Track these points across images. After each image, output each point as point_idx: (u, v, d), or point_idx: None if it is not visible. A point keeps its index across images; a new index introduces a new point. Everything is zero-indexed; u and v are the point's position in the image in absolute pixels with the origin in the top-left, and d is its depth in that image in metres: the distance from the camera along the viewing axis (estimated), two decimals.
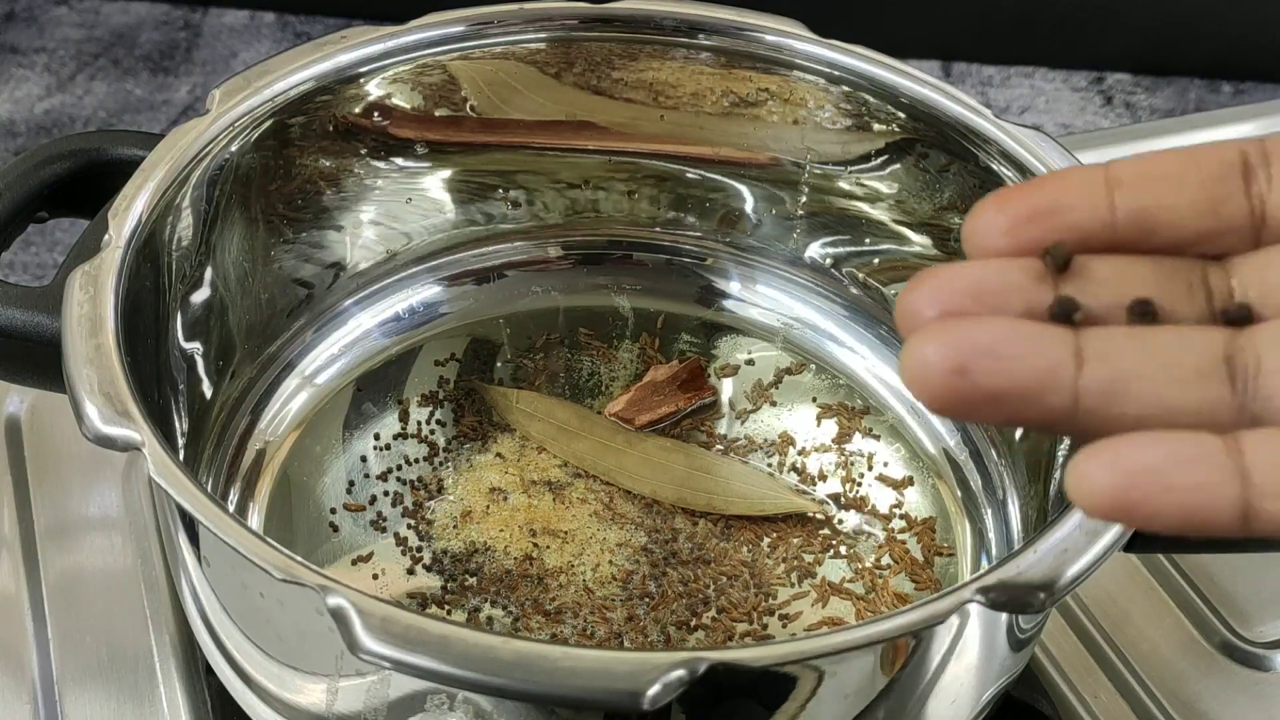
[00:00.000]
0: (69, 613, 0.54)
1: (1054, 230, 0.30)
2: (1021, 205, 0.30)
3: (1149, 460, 0.26)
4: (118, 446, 0.40)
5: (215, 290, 0.54)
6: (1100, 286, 0.29)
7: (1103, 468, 0.27)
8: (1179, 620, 0.56)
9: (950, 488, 0.55)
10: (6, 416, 0.60)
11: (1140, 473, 0.26)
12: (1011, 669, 0.45)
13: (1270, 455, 0.27)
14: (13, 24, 0.94)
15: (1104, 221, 0.30)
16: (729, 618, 0.50)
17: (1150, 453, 0.27)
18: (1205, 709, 0.53)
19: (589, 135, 0.61)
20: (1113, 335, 0.28)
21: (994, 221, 0.30)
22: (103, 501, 0.58)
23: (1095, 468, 0.27)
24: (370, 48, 0.55)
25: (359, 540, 0.52)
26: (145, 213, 0.48)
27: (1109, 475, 0.27)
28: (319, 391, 0.58)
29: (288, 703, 0.43)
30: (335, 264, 0.60)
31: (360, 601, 0.36)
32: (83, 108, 0.88)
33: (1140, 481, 0.26)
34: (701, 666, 0.35)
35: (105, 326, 0.43)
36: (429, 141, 0.59)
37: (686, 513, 0.53)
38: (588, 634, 0.49)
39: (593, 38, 0.58)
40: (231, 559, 0.39)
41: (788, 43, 0.57)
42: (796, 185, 0.60)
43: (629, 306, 0.62)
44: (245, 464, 0.55)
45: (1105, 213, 0.30)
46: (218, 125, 0.52)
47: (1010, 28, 0.93)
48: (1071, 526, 0.39)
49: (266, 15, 0.96)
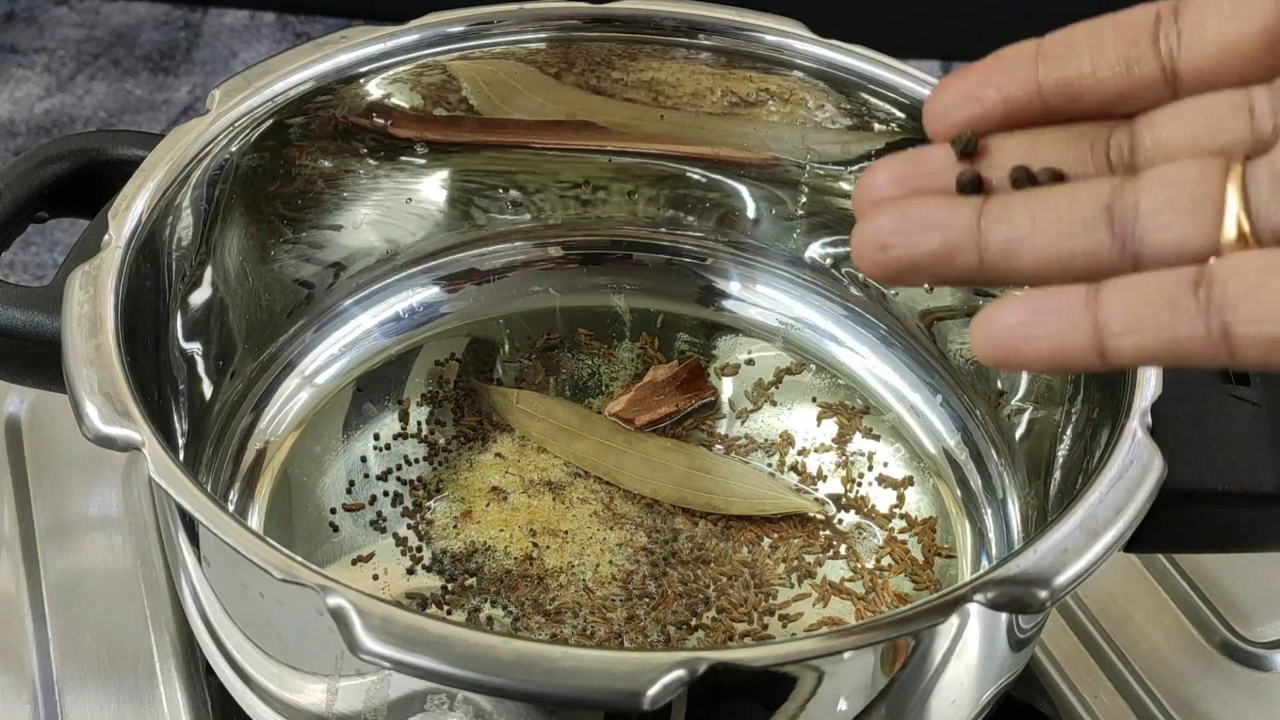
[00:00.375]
0: (69, 613, 0.54)
1: (989, 105, 0.34)
2: (964, 85, 0.34)
3: (1015, 318, 0.31)
4: (118, 446, 0.40)
5: (215, 290, 0.54)
6: (1008, 158, 0.33)
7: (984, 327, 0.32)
8: (1179, 620, 0.56)
9: (950, 488, 0.55)
10: (6, 416, 0.60)
11: (1010, 327, 0.31)
12: (1011, 669, 0.45)
13: (1120, 297, 0.31)
14: (13, 24, 0.94)
15: (1033, 93, 0.33)
16: (729, 618, 0.50)
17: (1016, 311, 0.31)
18: (1205, 709, 0.53)
19: (589, 135, 0.61)
20: (1010, 199, 0.32)
21: (945, 100, 0.34)
22: (103, 501, 0.58)
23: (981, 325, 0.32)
24: (370, 48, 0.55)
25: (359, 540, 0.52)
26: (145, 213, 0.48)
27: (988, 332, 0.32)
28: (319, 391, 0.58)
29: (288, 703, 0.43)
30: (335, 264, 0.60)
31: (360, 601, 0.36)
32: (83, 108, 0.88)
33: (1012, 335, 0.31)
34: (701, 666, 0.35)
35: (105, 326, 0.43)
36: (429, 141, 0.59)
37: (686, 513, 0.53)
38: (588, 634, 0.49)
39: (593, 38, 0.58)
40: (231, 559, 0.39)
41: (788, 43, 0.57)
42: (796, 185, 0.60)
43: (628, 306, 0.62)
44: (245, 464, 0.55)
45: (1033, 85, 0.33)
46: (218, 125, 0.52)
47: (1010, 28, 0.93)
48: (1071, 526, 0.39)
49: (266, 15, 0.96)
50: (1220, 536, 0.46)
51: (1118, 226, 0.32)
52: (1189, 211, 0.31)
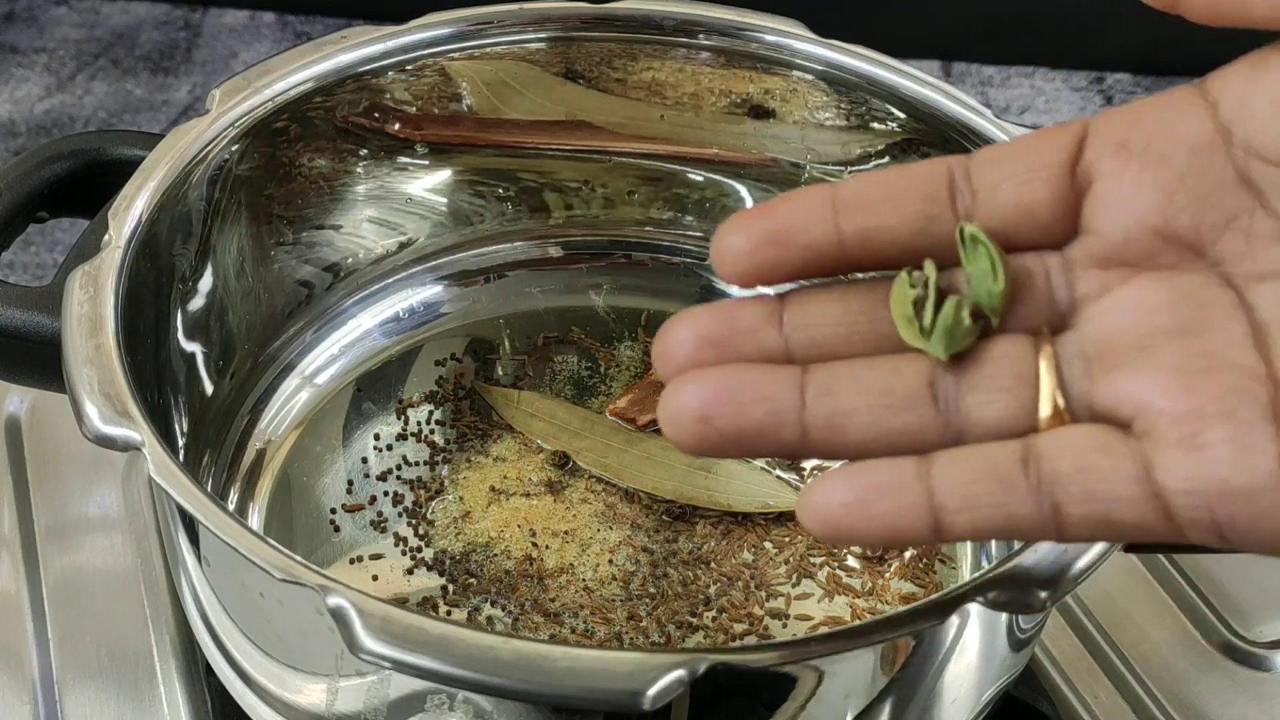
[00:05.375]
0: (69, 613, 0.54)
1: (790, 250, 0.32)
2: (760, 228, 0.33)
3: (847, 496, 0.31)
4: (118, 446, 0.40)
5: (215, 290, 0.54)
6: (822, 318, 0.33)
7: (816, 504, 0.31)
8: (1179, 620, 0.56)
9: None
10: (6, 416, 0.60)
11: (845, 505, 0.31)
12: (1012, 669, 0.45)
13: (952, 474, 0.31)
14: (12, 24, 0.94)
15: (834, 242, 0.33)
16: (729, 618, 0.50)
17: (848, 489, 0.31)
18: (1205, 709, 0.53)
19: (589, 135, 0.61)
20: (833, 371, 0.32)
21: (737, 243, 0.33)
22: (103, 501, 0.58)
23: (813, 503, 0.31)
24: (370, 48, 0.55)
25: (359, 540, 0.52)
26: (145, 213, 0.48)
27: (821, 511, 0.31)
28: (319, 391, 0.58)
29: (288, 703, 0.43)
30: (335, 264, 0.60)
31: (360, 601, 0.36)
32: (83, 108, 0.88)
33: (848, 515, 0.31)
34: (701, 667, 0.35)
35: (105, 326, 0.43)
36: (429, 141, 0.59)
37: (687, 513, 0.53)
38: (588, 634, 0.49)
39: (593, 38, 0.58)
40: (231, 559, 0.39)
41: (788, 43, 0.57)
42: (796, 185, 0.60)
43: (628, 306, 0.62)
44: (245, 464, 0.55)
45: (834, 234, 0.33)
46: (218, 125, 0.52)
47: (1010, 28, 0.93)
48: None
49: (266, 15, 0.96)
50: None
51: (941, 403, 0.32)
52: (1009, 390, 0.32)
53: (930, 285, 0.32)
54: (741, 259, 0.33)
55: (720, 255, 0.33)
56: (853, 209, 0.33)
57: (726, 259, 0.33)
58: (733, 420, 0.31)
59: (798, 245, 0.32)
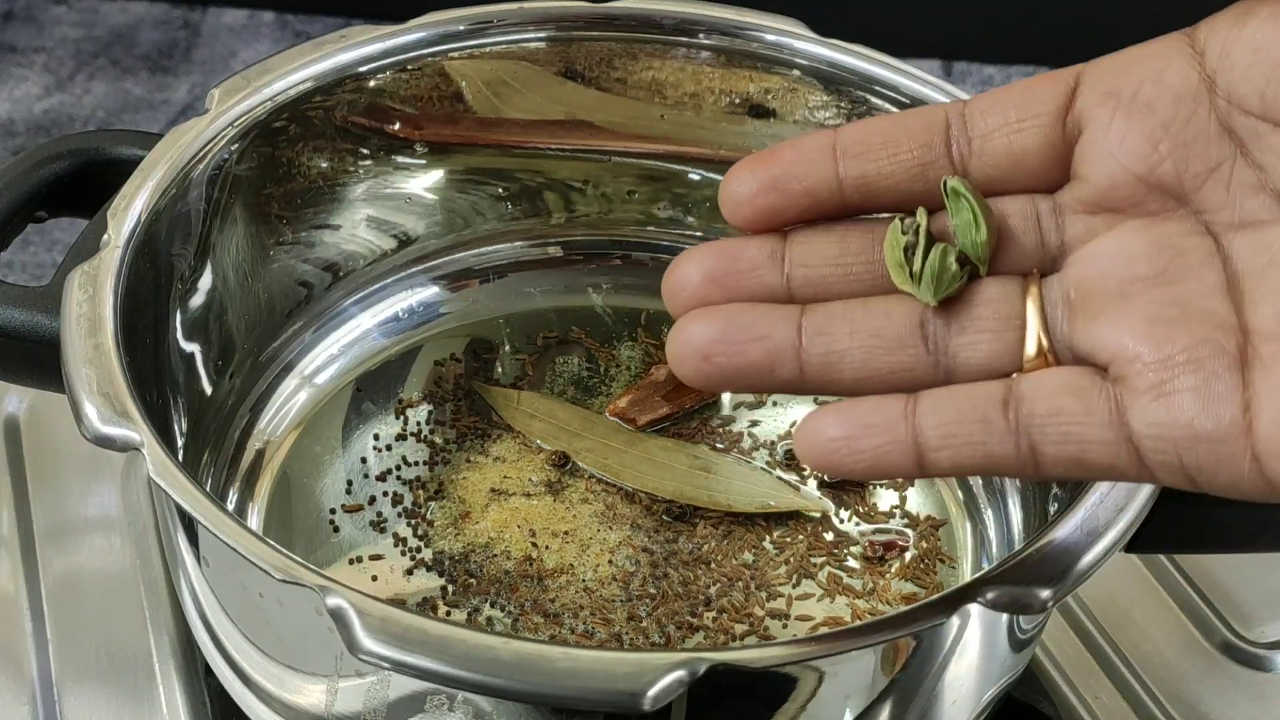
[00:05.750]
0: (68, 613, 0.54)
1: (790, 197, 0.34)
2: (762, 174, 0.34)
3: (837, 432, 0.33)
4: (117, 446, 0.40)
5: (214, 290, 0.54)
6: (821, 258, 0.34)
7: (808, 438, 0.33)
8: (1180, 621, 0.56)
9: (951, 488, 0.55)
10: (6, 416, 0.60)
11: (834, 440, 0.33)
12: (1012, 669, 0.45)
13: (936, 414, 0.32)
14: (12, 24, 0.94)
15: (833, 189, 0.34)
16: (729, 618, 0.50)
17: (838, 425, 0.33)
18: (1206, 709, 0.53)
19: (589, 135, 0.61)
20: (829, 312, 0.34)
21: (740, 190, 0.34)
22: (102, 501, 0.58)
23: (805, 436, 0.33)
24: (370, 47, 0.55)
25: (359, 540, 0.52)
26: (144, 212, 0.48)
27: (812, 444, 0.33)
28: (319, 391, 0.58)
29: (287, 703, 0.43)
30: (334, 264, 0.60)
31: (360, 602, 0.36)
32: (82, 107, 0.88)
33: (836, 449, 0.33)
34: (702, 667, 0.35)
35: (104, 326, 0.43)
36: (428, 141, 0.59)
37: (687, 514, 0.53)
38: (588, 635, 0.49)
39: (593, 37, 0.58)
40: (231, 559, 0.39)
41: (788, 42, 0.57)
42: None
43: (628, 306, 0.62)
44: (245, 464, 0.55)
45: (834, 180, 0.34)
46: (217, 125, 0.52)
47: (1010, 28, 0.93)
48: (1072, 527, 0.39)
49: (266, 15, 0.96)
50: (1220, 536, 0.46)
51: (931, 343, 0.33)
52: (995, 331, 0.33)
53: (920, 232, 0.34)
54: (744, 204, 0.34)
55: (725, 200, 0.35)
56: (851, 156, 0.34)
57: (730, 204, 0.35)
58: (733, 359, 0.33)
59: (798, 191, 0.34)
